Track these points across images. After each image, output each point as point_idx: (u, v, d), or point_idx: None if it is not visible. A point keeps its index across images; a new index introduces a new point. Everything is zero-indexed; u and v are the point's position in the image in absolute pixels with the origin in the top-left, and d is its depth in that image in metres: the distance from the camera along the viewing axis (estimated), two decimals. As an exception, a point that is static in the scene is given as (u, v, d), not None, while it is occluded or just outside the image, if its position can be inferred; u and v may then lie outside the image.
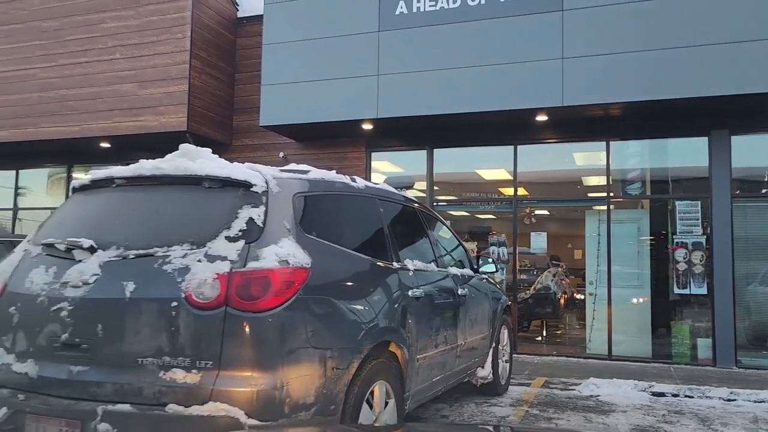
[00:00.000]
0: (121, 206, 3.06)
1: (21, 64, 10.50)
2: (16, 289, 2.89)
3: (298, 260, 2.75)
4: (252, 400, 2.49)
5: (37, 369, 2.72)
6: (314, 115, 8.90)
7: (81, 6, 10.18)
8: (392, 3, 8.51)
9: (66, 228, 3.01)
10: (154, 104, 9.60)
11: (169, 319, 2.56)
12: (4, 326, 2.89)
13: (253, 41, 10.48)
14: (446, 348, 4.29)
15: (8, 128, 10.46)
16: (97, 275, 2.69)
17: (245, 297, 2.57)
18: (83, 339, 2.64)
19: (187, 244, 2.70)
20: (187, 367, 2.53)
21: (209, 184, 2.91)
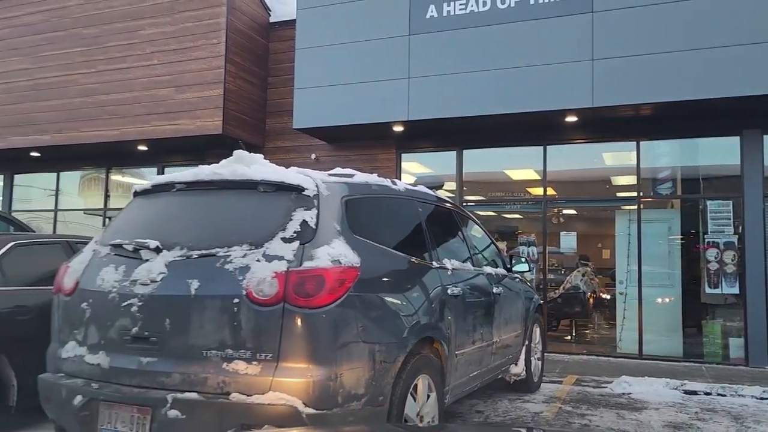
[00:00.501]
0: (182, 209, 3.27)
1: (63, 70, 10.88)
2: (87, 286, 3.12)
3: (349, 260, 2.93)
4: (309, 391, 2.68)
5: (108, 360, 2.94)
6: (346, 118, 9.09)
7: (120, 13, 10.51)
8: (423, 7, 8.66)
9: (131, 230, 3.23)
10: (191, 108, 9.88)
11: (231, 314, 2.76)
12: (76, 320, 3.12)
13: (284, 45, 10.72)
14: (482, 345, 4.43)
15: (51, 132, 10.85)
16: (164, 274, 2.90)
17: (301, 294, 2.75)
18: (152, 332, 2.85)
19: (246, 244, 2.89)
20: (249, 359, 2.72)
21: (264, 188, 3.11)
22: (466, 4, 8.44)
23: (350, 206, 3.27)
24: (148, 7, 10.32)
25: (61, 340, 3.20)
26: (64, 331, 3.19)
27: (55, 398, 3.07)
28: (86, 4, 10.81)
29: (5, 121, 11.25)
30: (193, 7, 9.99)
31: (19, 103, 11.18)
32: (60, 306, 3.25)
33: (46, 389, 3.14)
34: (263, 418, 2.63)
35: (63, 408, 3.01)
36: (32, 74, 11.13)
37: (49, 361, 3.27)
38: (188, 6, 10.02)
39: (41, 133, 10.93)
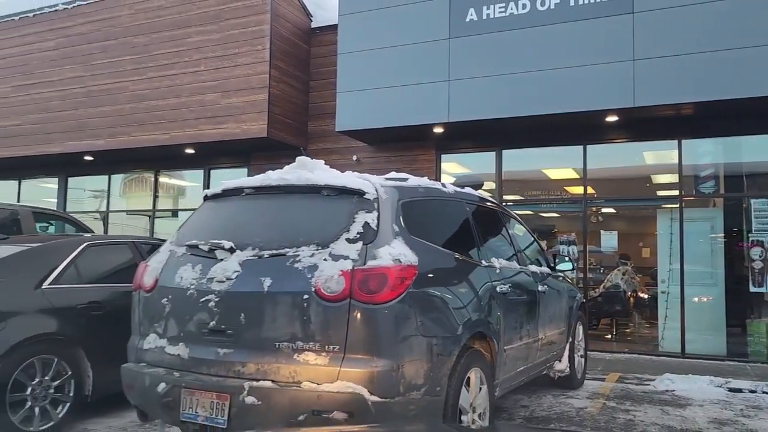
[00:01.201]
0: (252, 212, 3.52)
1: (114, 77, 11.35)
2: (166, 283, 3.39)
3: (408, 259, 3.13)
4: (373, 380, 2.89)
5: (188, 351, 3.20)
6: (387, 120, 9.29)
7: (168, 22, 10.92)
8: (462, 11, 8.81)
9: (204, 232, 3.49)
10: (237, 112, 10.22)
11: (301, 309, 2.99)
12: (156, 315, 3.40)
13: (326, 50, 10.99)
14: (529, 341, 4.59)
15: (104, 137, 11.33)
16: (238, 272, 3.15)
17: (366, 291, 2.96)
18: (228, 326, 3.10)
19: (313, 245, 3.12)
20: (318, 351, 2.95)
21: (327, 192, 3.34)
22: (506, 7, 8.56)
23: (406, 208, 3.47)
24: (195, 16, 10.70)
25: (142, 332, 3.49)
26: (144, 324, 3.48)
27: (138, 385, 3.35)
28: (136, 14, 11.25)
29: (61, 126, 11.79)
30: (238, 15, 10.33)
31: (73, 110, 11.70)
32: (140, 302, 3.54)
33: (130, 377, 3.43)
34: (332, 404, 2.85)
35: (146, 394, 3.29)
36: (85, 82, 11.63)
37: (130, 352, 3.56)
38: (234, 14, 10.36)
39: (95, 138, 11.42)
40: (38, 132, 12.03)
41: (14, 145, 12.32)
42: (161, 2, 11.01)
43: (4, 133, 12.38)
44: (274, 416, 2.92)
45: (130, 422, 4.66)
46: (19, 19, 12.50)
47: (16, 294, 4.25)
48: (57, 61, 11.98)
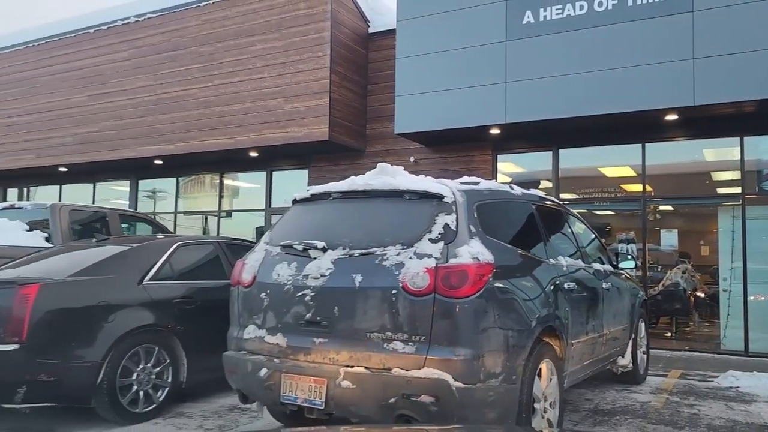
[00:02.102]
0: (340, 215, 3.85)
1: (183, 85, 11.97)
2: (264, 279, 3.75)
3: (486, 257, 3.39)
4: (457, 368, 3.17)
5: (286, 340, 3.55)
6: (445, 122, 9.55)
7: (233, 32, 11.45)
8: (519, 13, 8.98)
9: (296, 232, 3.84)
10: (299, 117, 10.65)
11: (390, 303, 3.29)
12: (255, 308, 3.76)
13: (383, 54, 11.31)
14: (594, 336, 4.78)
15: (174, 142, 11.97)
16: (331, 269, 3.48)
17: (449, 286, 3.25)
18: (323, 318, 3.44)
19: (399, 244, 3.42)
20: (405, 341, 3.25)
21: (409, 196, 3.63)
22: (563, 9, 8.69)
23: (480, 210, 3.73)
24: (258, 25, 11.19)
25: (241, 324, 3.86)
26: (243, 316, 3.85)
27: (241, 371, 3.72)
28: (202, 24, 11.83)
29: (133, 132, 12.50)
30: (299, 23, 10.76)
31: (144, 117, 12.38)
32: (239, 296, 3.91)
33: (232, 363, 3.81)
34: (420, 389, 3.14)
35: (248, 379, 3.66)
36: (155, 90, 12.30)
37: (230, 341, 3.95)
38: (295, 23, 10.79)
39: (165, 143, 12.06)
40: (113, 138, 12.77)
41: (90, 150, 13.11)
42: (226, 13, 11.55)
43: (82, 139, 13.19)
44: (367, 398, 3.24)
45: (219, 407, 5.07)
46: (94, 31, 13.29)
47: (122, 289, 4.70)
48: (129, 71, 12.69)
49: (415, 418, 3.18)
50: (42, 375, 4.12)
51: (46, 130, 13.72)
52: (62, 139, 13.50)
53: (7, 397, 4.05)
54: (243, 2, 11.35)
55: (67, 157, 13.50)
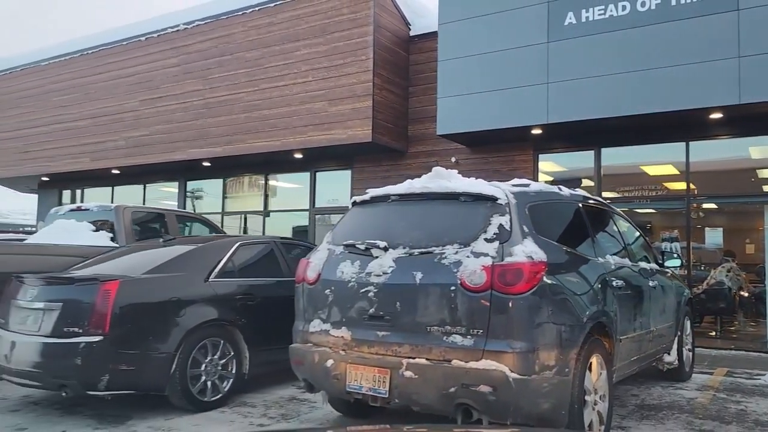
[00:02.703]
0: (399, 216, 4.08)
1: (230, 89, 12.38)
2: (328, 277, 4.02)
3: (539, 256, 3.58)
4: (513, 360, 3.37)
5: (350, 333, 3.81)
6: (486, 123, 9.70)
7: (278, 37, 11.81)
8: (561, 15, 9.08)
9: (356, 233, 4.09)
10: (343, 119, 10.94)
11: (449, 299, 3.52)
12: (319, 303, 4.03)
13: (424, 56, 11.51)
14: (641, 332, 4.91)
15: (222, 145, 12.40)
16: (393, 267, 3.72)
17: (504, 283, 3.45)
18: (386, 312, 3.68)
19: (456, 244, 3.64)
20: (464, 334, 3.47)
21: (465, 198, 3.85)
22: (605, 9, 8.76)
23: (532, 211, 3.92)
24: (303, 30, 11.52)
25: (307, 318, 4.13)
26: (308, 311, 4.12)
27: (308, 362, 3.99)
28: (249, 31, 12.22)
29: (183, 136, 12.98)
30: (342, 28, 11.04)
31: (194, 120, 12.85)
32: (304, 292, 4.19)
33: (299, 355, 4.08)
34: (479, 379, 3.36)
35: (316, 369, 3.93)
36: (204, 94, 12.75)
37: (295, 335, 4.22)
38: (338, 27, 11.08)
39: (213, 146, 12.50)
40: (163, 141, 13.29)
41: (143, 153, 13.67)
42: (272, 19, 11.91)
43: (134, 143, 13.75)
44: (428, 388, 3.47)
45: (279, 398, 5.37)
46: (145, 39, 13.83)
47: (191, 286, 5.03)
48: (178, 76, 13.18)
49: (474, 407, 3.39)
50: (122, 364, 4.47)
51: (101, 134, 14.34)
52: (116, 143, 14.09)
53: (92, 385, 4.41)
54: (288, 8, 11.69)
55: (120, 159, 14.09)
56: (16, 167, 16.29)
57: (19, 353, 4.57)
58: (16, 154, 16.27)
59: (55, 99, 15.35)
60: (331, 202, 12.79)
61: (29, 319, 4.70)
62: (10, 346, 4.64)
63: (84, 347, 4.35)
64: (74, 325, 4.46)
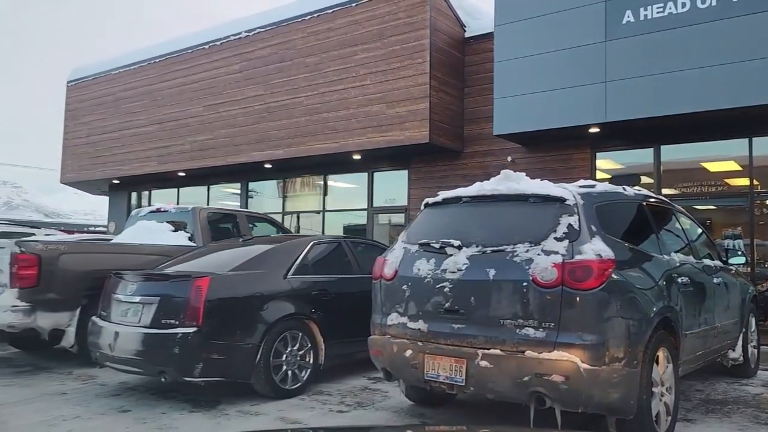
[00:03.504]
0: (470, 217, 4.34)
1: (290, 94, 12.86)
2: (405, 273, 4.31)
3: (607, 254, 3.77)
4: (585, 351, 3.58)
5: (427, 326, 4.09)
6: (544, 123, 9.83)
7: (336, 42, 12.20)
8: (619, 14, 9.13)
9: (430, 232, 4.37)
10: (400, 121, 11.24)
11: (521, 294, 3.75)
12: (397, 298, 4.33)
13: (479, 57, 11.70)
14: (706, 328, 5.02)
15: (283, 147, 12.89)
16: (467, 264, 3.98)
17: (575, 279, 3.66)
18: (461, 306, 3.95)
19: (527, 243, 3.87)
20: (536, 327, 3.70)
21: (534, 199, 4.07)
22: (664, 7, 8.77)
23: (599, 211, 4.11)
24: (360, 35, 11.87)
25: (384, 312, 4.43)
26: (386, 305, 4.42)
27: (387, 352, 4.29)
28: (308, 37, 12.66)
29: (245, 139, 13.55)
30: (399, 32, 11.34)
31: (255, 124, 13.40)
32: (382, 288, 4.49)
33: (378, 346, 4.39)
34: (552, 369, 3.58)
35: (394, 359, 4.23)
36: (265, 99, 13.28)
37: (373, 327, 4.53)
38: (395, 31, 11.38)
39: (275, 148, 13.01)
40: (227, 145, 13.90)
41: (207, 156, 14.32)
42: (330, 25, 12.31)
43: (199, 146, 14.42)
44: (503, 377, 3.71)
45: (352, 387, 5.70)
46: (209, 47, 14.47)
47: (273, 282, 5.41)
48: (240, 82, 13.76)
49: (547, 395, 3.62)
50: (214, 354, 4.88)
51: (168, 138, 15.08)
52: (181, 147, 14.79)
53: (188, 372, 4.83)
54: (346, 14, 12.07)
55: (186, 162, 14.79)
56: (89, 171, 17.27)
57: (122, 343, 5.03)
58: (89, 158, 17.25)
59: (125, 106, 16.20)
60: (388, 202, 13.12)
61: (129, 311, 5.17)
62: (113, 337, 5.11)
63: (180, 337, 4.77)
64: (171, 318, 4.89)
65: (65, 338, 6.45)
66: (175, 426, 4.44)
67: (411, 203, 12.47)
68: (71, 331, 6.40)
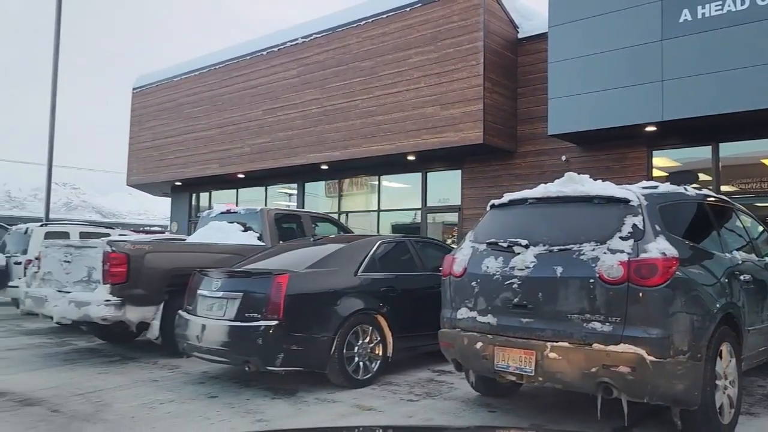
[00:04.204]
0: (535, 217, 4.58)
1: (346, 97, 13.26)
2: (474, 271, 4.59)
3: (672, 252, 3.96)
4: (650, 344, 3.78)
5: (496, 320, 4.36)
6: (599, 122, 9.91)
7: (391, 47, 12.52)
8: (675, 12, 9.14)
9: (497, 232, 4.63)
10: (454, 122, 11.48)
11: (588, 290, 3.98)
12: (466, 294, 4.61)
13: (532, 58, 11.83)
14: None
15: (339, 149, 13.30)
16: (534, 262, 4.23)
17: (640, 276, 3.87)
18: (529, 302, 4.20)
19: (593, 242, 4.09)
20: (602, 321, 3.92)
21: (598, 200, 4.29)
22: (723, 5, 8.75)
23: (663, 211, 4.30)
24: (414, 39, 12.16)
25: (454, 307, 4.72)
26: (456, 300, 4.71)
27: (457, 345, 4.58)
28: (363, 41, 13.03)
29: (303, 141, 14.03)
30: (453, 35, 11.58)
31: (313, 127, 13.86)
32: (451, 284, 4.78)
33: (449, 339, 4.68)
34: (619, 361, 3.80)
35: (465, 351, 4.51)
36: (322, 103, 13.72)
37: (443, 321, 4.83)
38: (449, 35, 11.63)
39: (332, 150, 13.43)
40: (285, 147, 14.41)
41: (265, 159, 14.87)
42: (384, 29, 12.65)
43: (258, 149, 14.98)
44: (571, 367, 3.95)
45: (419, 379, 6.01)
46: (267, 53, 15.02)
47: (344, 279, 5.77)
48: (298, 87, 14.24)
49: (614, 385, 3.84)
50: (293, 345, 5.26)
51: (228, 142, 15.71)
52: (241, 150, 15.40)
53: (271, 361, 5.22)
54: (400, 19, 12.38)
55: (246, 165, 15.39)
56: (153, 174, 18.11)
57: (209, 335, 5.47)
58: (153, 162, 18.09)
59: (187, 111, 16.95)
60: (441, 201, 13.38)
61: (214, 306, 5.62)
62: (200, 329, 5.56)
63: (263, 330, 5.17)
64: (254, 311, 5.30)
65: (150, 330, 6.98)
66: (261, 410, 4.84)
67: (464, 202, 12.70)
68: (156, 324, 6.93)
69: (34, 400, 5.10)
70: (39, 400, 5.10)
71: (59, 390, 5.46)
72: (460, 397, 5.33)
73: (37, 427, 4.38)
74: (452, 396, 5.37)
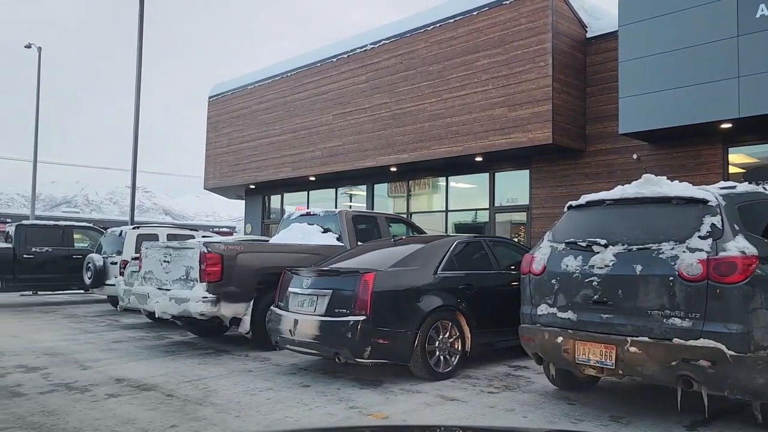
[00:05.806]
0: (614, 218, 4.78)
1: (414, 101, 13.60)
2: (553, 269, 4.83)
3: (751, 251, 4.08)
4: (730, 339, 3.93)
5: (576, 316, 4.59)
6: (672, 120, 9.86)
7: (459, 50, 12.77)
8: (752, 8, 9.01)
9: (576, 232, 4.85)
10: (523, 123, 11.62)
11: (667, 287, 4.16)
12: (546, 291, 4.85)
13: (601, 57, 11.82)
14: None
15: (408, 151, 13.66)
16: (614, 261, 4.44)
17: (719, 274, 4.02)
18: (609, 298, 4.41)
19: (672, 241, 4.26)
20: (682, 317, 4.09)
21: (677, 201, 4.45)
22: (802, -2, 8.57)
23: (741, 210, 4.41)
24: (482, 42, 12.37)
25: (534, 303, 4.97)
26: (535, 297, 4.96)
27: (538, 339, 4.84)
28: (431, 46, 13.33)
29: (372, 144, 14.46)
30: (521, 37, 11.72)
31: (382, 130, 14.27)
32: (531, 282, 5.03)
33: (529, 334, 4.94)
34: (699, 355, 3.97)
35: (546, 345, 4.76)
36: (391, 107, 14.10)
37: (523, 317, 5.09)
38: (517, 37, 11.77)
39: (400, 153, 13.80)
40: (355, 150, 14.88)
41: (336, 162, 15.40)
42: (452, 33, 12.91)
43: (329, 152, 15.53)
44: (652, 361, 4.14)
45: (496, 373, 6.27)
46: (337, 59, 15.54)
47: (425, 277, 6.10)
48: (367, 92, 14.69)
49: (694, 378, 4.01)
50: (380, 339, 5.64)
51: (300, 146, 16.35)
52: (313, 153, 15.99)
53: (359, 354, 5.61)
54: (467, 23, 12.62)
55: (317, 168, 15.97)
56: (229, 178, 19.01)
57: (302, 329, 5.92)
58: (228, 166, 18.98)
59: (261, 117, 17.71)
60: (509, 201, 13.52)
61: (305, 302, 6.06)
62: (293, 323, 6.02)
63: (352, 324, 5.56)
64: (343, 307, 5.71)
65: (242, 325, 7.53)
66: (353, 399, 5.24)
67: (533, 202, 12.80)
68: (247, 320, 7.47)
69: (149, 386, 5.68)
70: (153, 386, 5.68)
71: (168, 377, 6.04)
72: (538, 390, 5.56)
73: (158, 408, 4.92)
74: (531, 389, 5.61)
